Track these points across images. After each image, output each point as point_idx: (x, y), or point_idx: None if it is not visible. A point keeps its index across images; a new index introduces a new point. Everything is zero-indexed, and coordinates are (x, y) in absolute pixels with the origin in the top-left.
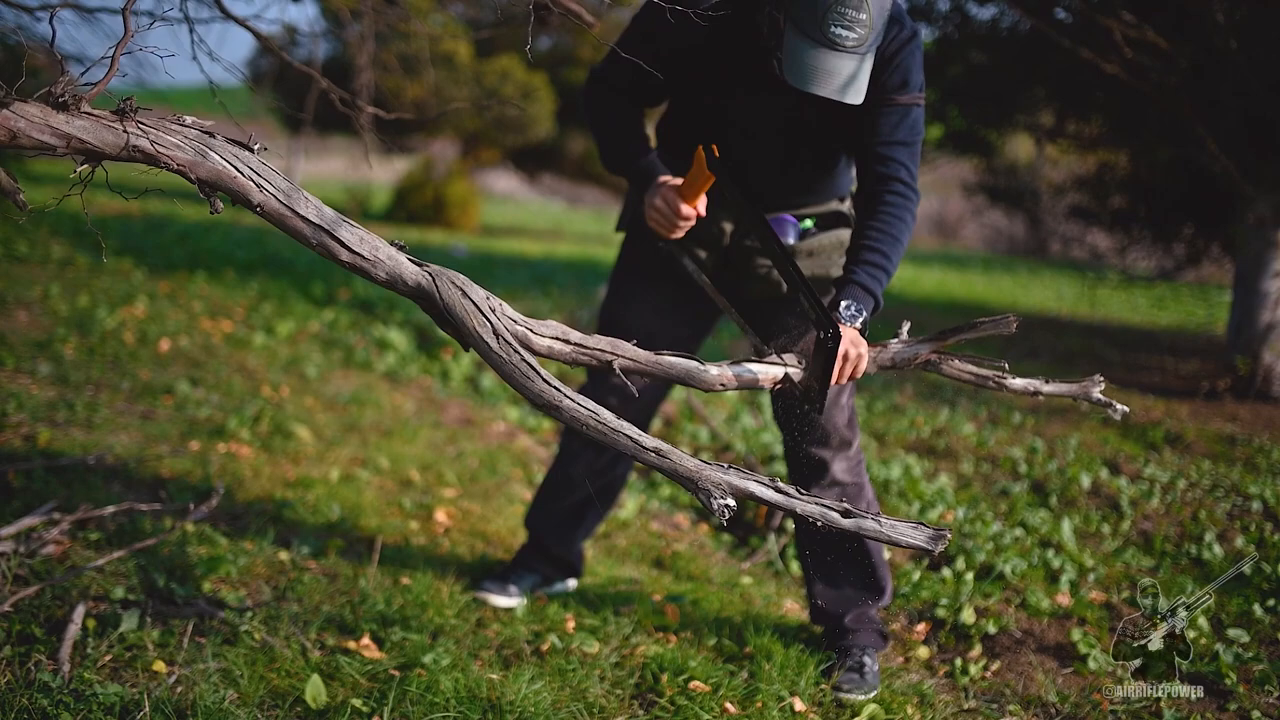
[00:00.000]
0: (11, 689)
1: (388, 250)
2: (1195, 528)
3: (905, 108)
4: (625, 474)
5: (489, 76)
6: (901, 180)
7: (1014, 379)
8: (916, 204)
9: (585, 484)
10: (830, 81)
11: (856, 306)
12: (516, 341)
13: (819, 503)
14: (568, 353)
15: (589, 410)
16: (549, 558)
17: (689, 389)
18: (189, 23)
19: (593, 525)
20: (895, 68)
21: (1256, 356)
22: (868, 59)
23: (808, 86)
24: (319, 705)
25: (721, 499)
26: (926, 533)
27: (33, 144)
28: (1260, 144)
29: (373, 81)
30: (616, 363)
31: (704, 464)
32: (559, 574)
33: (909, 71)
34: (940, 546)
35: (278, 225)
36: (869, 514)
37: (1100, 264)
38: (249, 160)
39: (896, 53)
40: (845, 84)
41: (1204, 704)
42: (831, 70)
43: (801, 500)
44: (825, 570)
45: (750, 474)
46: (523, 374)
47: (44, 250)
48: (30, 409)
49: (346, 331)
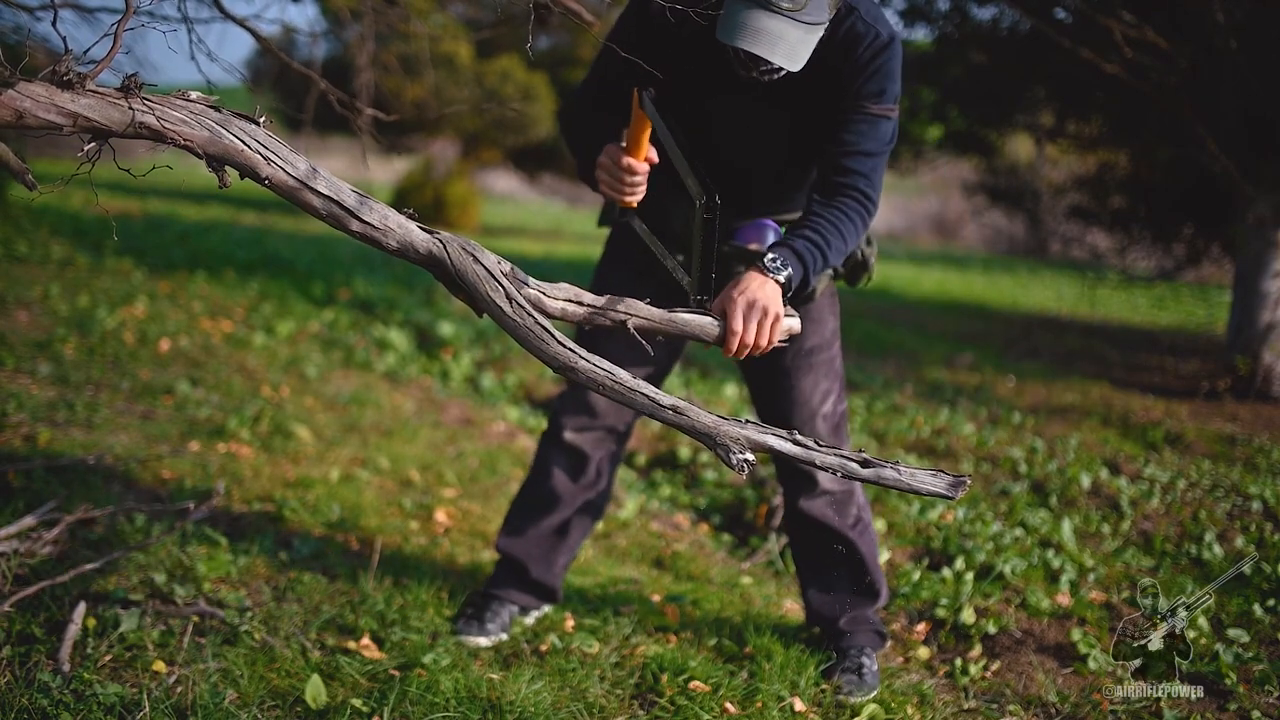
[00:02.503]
0: (11, 689)
1: (398, 218)
2: (1195, 528)
3: (875, 118)
4: (610, 486)
5: (489, 77)
6: (858, 190)
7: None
8: (870, 215)
9: (569, 500)
10: (759, 39)
11: (783, 261)
12: (530, 305)
13: (838, 453)
14: (581, 314)
15: (605, 370)
16: (527, 584)
17: (690, 395)
18: (188, 23)
19: (576, 545)
20: (871, 74)
21: (1256, 356)
22: (809, 31)
23: (735, 40)
24: (319, 705)
25: (740, 454)
26: (946, 479)
27: (39, 123)
28: (1260, 144)
29: (372, 82)
30: (631, 322)
31: (722, 419)
32: (538, 601)
33: (885, 79)
34: (960, 493)
35: (287, 197)
36: (887, 463)
37: (1100, 264)
38: (256, 134)
39: (873, 59)
40: (775, 44)
41: (1204, 704)
42: (763, 29)
43: (820, 451)
44: (817, 573)
45: (767, 428)
46: (537, 337)
47: (44, 250)
48: (30, 409)
49: (346, 331)
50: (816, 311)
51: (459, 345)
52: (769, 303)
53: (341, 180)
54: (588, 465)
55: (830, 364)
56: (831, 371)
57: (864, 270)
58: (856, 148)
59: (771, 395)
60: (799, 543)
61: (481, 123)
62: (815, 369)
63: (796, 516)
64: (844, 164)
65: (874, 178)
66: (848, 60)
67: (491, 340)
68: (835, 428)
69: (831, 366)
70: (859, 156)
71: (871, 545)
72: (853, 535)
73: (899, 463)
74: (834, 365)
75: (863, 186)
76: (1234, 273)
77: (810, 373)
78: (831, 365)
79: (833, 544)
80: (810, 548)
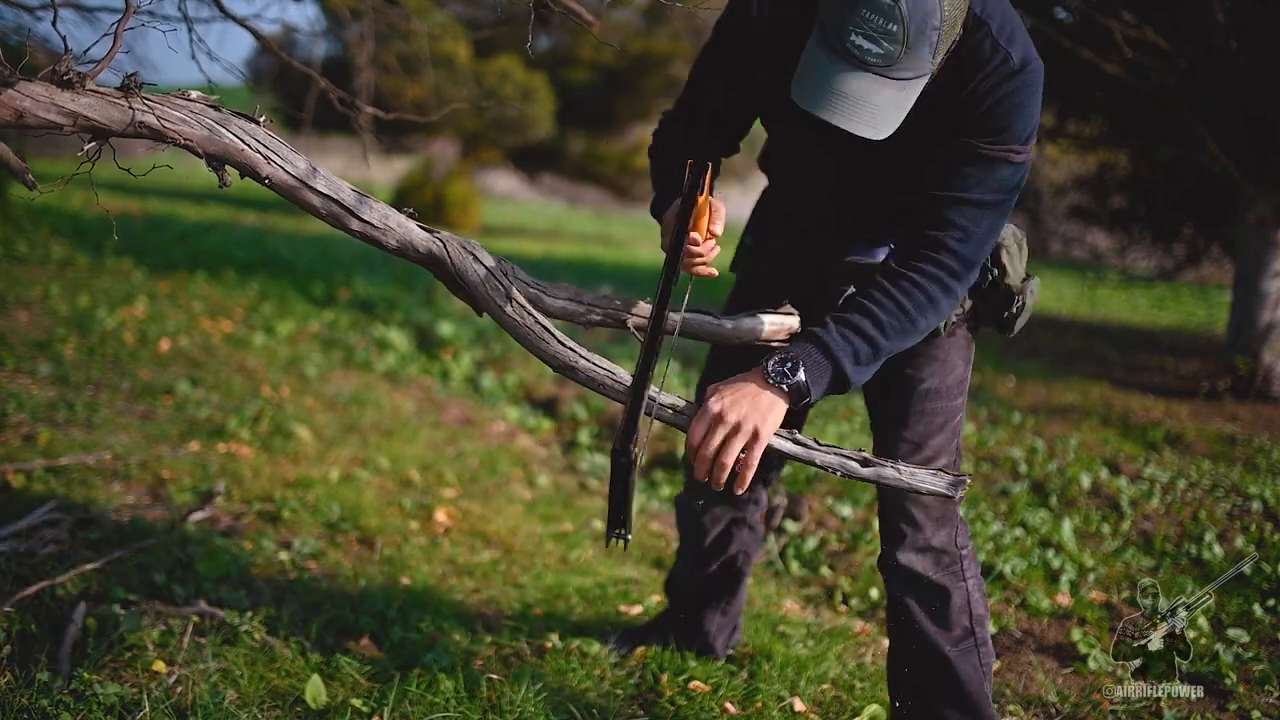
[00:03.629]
0: (11, 689)
1: (398, 218)
2: (1195, 528)
3: (990, 161)
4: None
5: (488, 77)
6: (948, 250)
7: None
8: (959, 284)
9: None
10: (837, 106)
11: (792, 366)
12: (530, 304)
13: (838, 452)
14: (581, 312)
15: (605, 370)
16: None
17: (690, 395)
18: (188, 22)
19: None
20: (991, 106)
21: (1256, 356)
22: (903, 89)
23: (807, 104)
24: (319, 705)
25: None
26: (946, 479)
27: (39, 123)
28: (1260, 144)
29: (372, 82)
30: (631, 320)
31: None
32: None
33: (1009, 114)
34: (960, 493)
35: (287, 196)
36: (886, 463)
37: (1100, 264)
38: (256, 133)
39: (994, 88)
40: (856, 110)
41: (1204, 704)
42: (843, 92)
43: (820, 451)
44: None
45: None
46: (537, 336)
47: (44, 250)
48: (30, 409)
49: (346, 331)
50: (943, 350)
51: (459, 345)
52: (748, 418)
53: (341, 179)
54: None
55: (947, 419)
56: (947, 428)
57: (1010, 312)
58: (959, 194)
59: (877, 431)
60: (890, 626)
61: (481, 122)
62: (927, 418)
63: (888, 572)
64: (939, 213)
65: (975, 234)
66: (965, 86)
67: (491, 340)
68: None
69: (948, 422)
70: (960, 206)
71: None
72: (955, 650)
73: (899, 463)
74: (951, 422)
75: (955, 244)
76: (1234, 273)
77: (920, 421)
78: (948, 421)
79: (946, 670)
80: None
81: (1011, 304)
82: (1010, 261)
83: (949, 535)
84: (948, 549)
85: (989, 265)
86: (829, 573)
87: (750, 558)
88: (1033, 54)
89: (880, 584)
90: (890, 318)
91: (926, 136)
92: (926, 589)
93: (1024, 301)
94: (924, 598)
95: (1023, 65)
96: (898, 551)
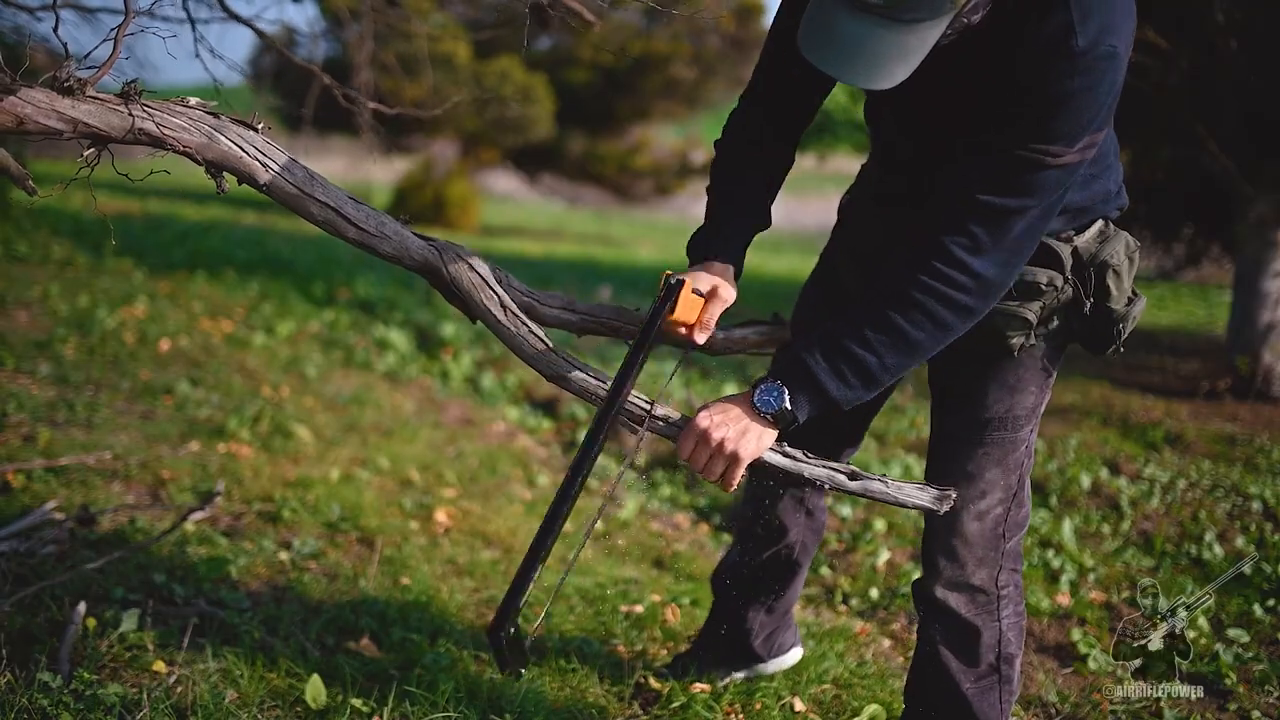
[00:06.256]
0: (11, 689)
1: (394, 226)
2: (1195, 528)
3: (1018, 159)
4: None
5: (488, 77)
6: (955, 261)
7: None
8: (973, 306)
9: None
10: (829, 52)
11: (776, 395)
12: (524, 312)
13: (827, 466)
14: (575, 321)
15: (598, 380)
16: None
17: (690, 396)
18: (190, 21)
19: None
20: (1027, 89)
21: (1256, 356)
22: (907, 32)
23: (806, 52)
24: (319, 705)
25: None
26: (932, 493)
27: (39, 129)
28: (1260, 144)
29: (372, 81)
30: (623, 330)
31: None
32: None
33: (1056, 107)
34: (945, 507)
35: (285, 204)
36: (874, 476)
37: None
38: (255, 140)
39: (1042, 65)
40: (852, 57)
41: (1204, 704)
42: (836, 36)
43: (809, 464)
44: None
45: None
46: (531, 344)
47: (44, 250)
48: (30, 409)
49: (346, 331)
50: (1014, 374)
51: (459, 345)
52: (729, 440)
53: (339, 186)
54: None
55: (1008, 451)
56: (1007, 462)
57: (1111, 332)
58: (978, 192)
59: (931, 459)
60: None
61: (481, 123)
62: (986, 449)
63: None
64: (947, 212)
65: (988, 245)
66: (1026, 68)
67: (491, 341)
68: (992, 535)
69: (1010, 455)
70: (977, 211)
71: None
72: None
73: (886, 476)
74: (1013, 454)
75: (962, 254)
76: (1234, 273)
77: (978, 451)
78: (1010, 454)
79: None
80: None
81: (1111, 329)
82: (1116, 283)
83: (989, 575)
84: (986, 588)
85: (1081, 293)
86: (829, 573)
87: (809, 550)
88: (1114, 38)
89: (880, 584)
90: (881, 334)
91: (990, 113)
92: (957, 626)
93: (1126, 327)
94: (953, 634)
95: (1089, 47)
96: (934, 584)
